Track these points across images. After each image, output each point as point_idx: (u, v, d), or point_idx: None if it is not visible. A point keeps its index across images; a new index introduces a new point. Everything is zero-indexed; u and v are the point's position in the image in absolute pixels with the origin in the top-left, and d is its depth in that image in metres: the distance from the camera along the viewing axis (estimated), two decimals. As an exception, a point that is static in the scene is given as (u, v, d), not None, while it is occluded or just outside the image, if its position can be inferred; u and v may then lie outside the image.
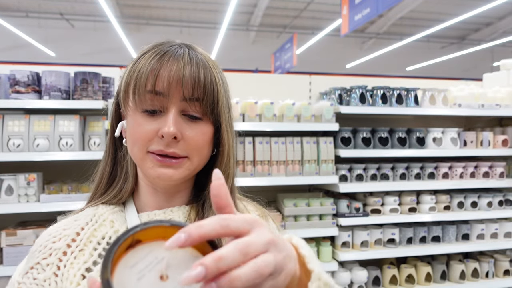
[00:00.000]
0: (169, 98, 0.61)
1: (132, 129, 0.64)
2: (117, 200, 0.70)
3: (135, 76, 0.62)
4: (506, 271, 2.71)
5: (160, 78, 0.60)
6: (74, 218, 0.69)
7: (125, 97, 0.65)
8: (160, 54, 0.62)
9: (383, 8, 3.64)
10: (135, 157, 0.65)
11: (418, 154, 2.56)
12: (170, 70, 0.60)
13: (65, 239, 0.65)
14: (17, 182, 2.09)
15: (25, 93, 2.06)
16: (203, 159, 0.66)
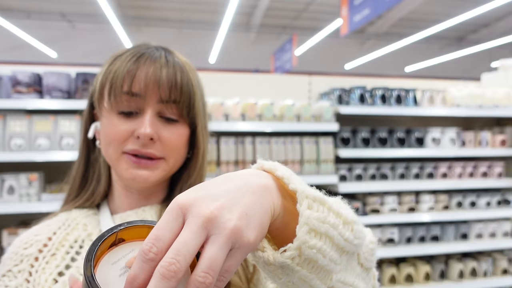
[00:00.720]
0: (145, 99, 0.61)
1: (107, 130, 0.63)
2: (90, 203, 0.69)
3: (111, 77, 0.62)
4: (504, 270, 2.72)
5: (136, 79, 0.60)
6: (46, 223, 0.68)
7: (100, 98, 0.64)
8: (136, 56, 0.62)
9: (383, 9, 3.66)
10: (109, 158, 0.64)
11: (417, 154, 2.57)
12: (147, 72, 0.60)
13: (36, 245, 0.64)
14: (18, 182, 2.11)
15: (26, 93, 2.08)
16: (178, 160, 0.66)
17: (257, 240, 0.34)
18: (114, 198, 0.69)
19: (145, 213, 0.67)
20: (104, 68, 0.65)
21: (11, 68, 2.15)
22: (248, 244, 0.33)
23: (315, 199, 0.38)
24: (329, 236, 0.37)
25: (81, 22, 9.94)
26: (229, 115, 2.29)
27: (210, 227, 0.31)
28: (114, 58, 0.65)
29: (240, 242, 0.32)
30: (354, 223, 0.40)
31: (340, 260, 0.39)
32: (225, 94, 2.46)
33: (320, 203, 0.38)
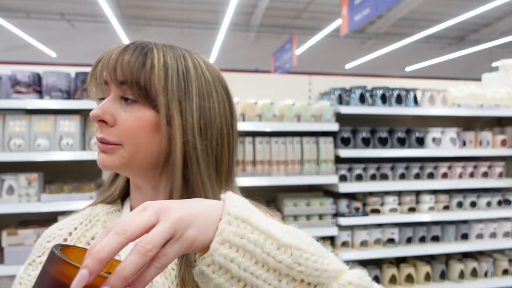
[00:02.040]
0: (109, 84, 0.62)
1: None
2: (111, 199, 0.70)
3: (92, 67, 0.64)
4: (505, 270, 2.72)
5: (100, 65, 0.62)
6: (72, 217, 0.70)
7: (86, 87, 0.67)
8: (116, 46, 0.63)
9: (383, 8, 3.66)
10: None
11: (418, 154, 2.57)
12: (109, 57, 0.61)
13: (57, 239, 0.66)
14: (18, 182, 2.10)
15: (26, 93, 2.07)
16: (141, 146, 0.60)
17: (196, 239, 0.39)
18: (132, 194, 0.70)
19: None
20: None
21: (10, 68, 2.15)
22: (187, 238, 0.39)
23: (237, 217, 0.42)
24: (248, 250, 0.40)
25: (80, 22, 9.94)
26: (229, 115, 2.29)
27: (161, 214, 0.38)
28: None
29: (181, 233, 0.38)
30: (295, 249, 0.42)
31: (275, 281, 0.41)
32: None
33: (243, 221, 0.42)
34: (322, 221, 2.41)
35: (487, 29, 11.09)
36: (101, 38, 9.78)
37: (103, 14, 7.57)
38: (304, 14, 10.04)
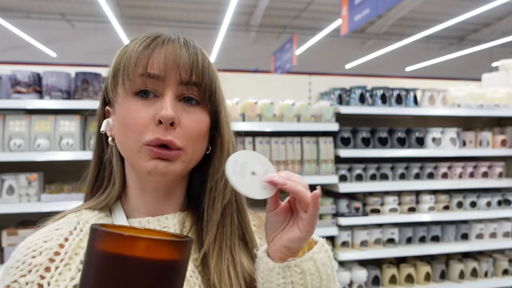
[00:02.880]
0: (165, 81, 0.56)
1: (124, 118, 0.57)
2: (103, 206, 0.63)
3: (125, 59, 0.58)
4: (505, 270, 2.72)
5: (154, 59, 0.56)
6: (55, 226, 0.60)
7: (114, 84, 0.59)
8: (152, 38, 0.58)
9: (383, 8, 3.66)
10: (128, 150, 0.58)
11: (418, 154, 2.57)
12: (165, 51, 0.56)
13: (46, 252, 0.56)
14: (18, 182, 2.10)
15: (26, 93, 2.07)
16: (197, 152, 0.60)
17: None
18: (129, 199, 0.63)
19: (168, 221, 0.62)
20: (116, 54, 0.61)
21: (10, 68, 2.15)
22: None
23: (328, 254, 0.59)
24: (321, 275, 0.56)
25: (80, 21, 9.94)
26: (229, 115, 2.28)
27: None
28: (126, 45, 0.61)
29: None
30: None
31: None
32: (225, 94, 2.45)
33: (329, 258, 0.59)
34: (322, 221, 2.42)
35: (487, 29, 11.09)
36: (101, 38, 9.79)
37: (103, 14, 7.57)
38: (304, 14, 10.04)
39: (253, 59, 11.01)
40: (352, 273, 2.48)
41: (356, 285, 2.49)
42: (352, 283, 2.50)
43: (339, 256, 2.42)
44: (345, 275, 2.45)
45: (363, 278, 2.48)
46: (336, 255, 2.46)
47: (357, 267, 2.51)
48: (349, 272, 2.48)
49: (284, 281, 0.54)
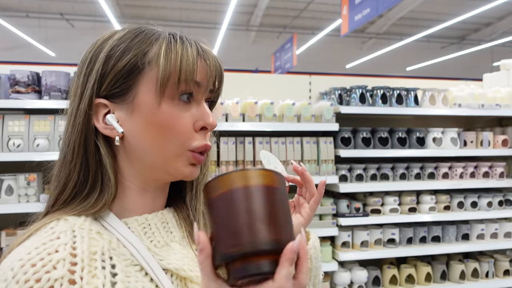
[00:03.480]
0: (201, 88, 0.59)
1: (166, 121, 0.56)
2: (93, 211, 0.57)
3: (184, 63, 0.56)
4: (506, 271, 2.71)
5: (202, 67, 0.59)
6: (50, 237, 0.52)
7: (166, 84, 0.56)
8: (188, 43, 0.59)
9: (383, 8, 3.65)
10: (166, 153, 0.57)
11: (418, 154, 2.56)
12: (210, 61, 0.60)
13: (62, 264, 0.49)
14: (17, 182, 2.09)
15: (25, 93, 2.06)
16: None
17: None
18: (123, 200, 0.61)
19: (164, 216, 0.64)
20: (161, 56, 0.56)
21: (9, 68, 2.14)
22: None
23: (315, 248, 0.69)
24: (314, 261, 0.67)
25: (80, 21, 9.93)
26: (229, 115, 2.28)
27: None
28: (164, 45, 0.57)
29: None
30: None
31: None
32: (225, 94, 2.42)
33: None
34: (322, 221, 2.41)
35: (488, 28, 11.08)
36: (101, 37, 9.76)
37: (102, 13, 7.56)
38: (304, 14, 10.03)
39: (253, 59, 11.01)
40: (352, 273, 2.47)
41: (356, 285, 2.48)
42: (352, 284, 2.49)
43: (339, 257, 2.42)
44: (345, 275, 2.44)
45: (364, 278, 2.47)
46: (337, 255, 2.45)
47: (357, 268, 2.51)
48: (350, 272, 2.47)
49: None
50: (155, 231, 0.61)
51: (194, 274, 0.59)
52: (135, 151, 0.59)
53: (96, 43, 0.60)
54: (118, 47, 0.57)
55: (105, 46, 0.58)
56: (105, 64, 0.57)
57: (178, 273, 0.59)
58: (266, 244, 0.42)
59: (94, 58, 0.58)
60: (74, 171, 0.58)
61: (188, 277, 0.59)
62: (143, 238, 0.59)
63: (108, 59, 0.57)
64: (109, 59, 0.57)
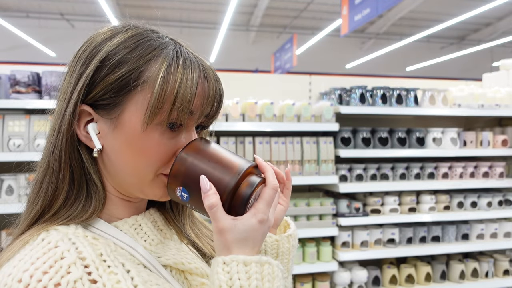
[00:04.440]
0: (194, 115, 0.56)
1: (145, 147, 0.54)
2: (83, 219, 0.55)
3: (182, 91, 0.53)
4: (505, 271, 2.71)
5: (199, 98, 0.55)
6: (47, 246, 0.50)
7: (157, 112, 0.52)
8: (190, 67, 0.55)
9: (383, 8, 3.65)
10: (141, 177, 0.56)
11: (418, 154, 2.56)
12: (208, 91, 0.56)
13: (75, 267, 0.48)
14: (17, 182, 2.10)
15: (25, 93, 2.07)
16: None
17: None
18: (109, 207, 0.60)
19: (152, 216, 0.65)
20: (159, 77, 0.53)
21: (9, 68, 2.14)
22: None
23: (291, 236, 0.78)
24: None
25: (80, 21, 9.94)
26: (229, 115, 2.28)
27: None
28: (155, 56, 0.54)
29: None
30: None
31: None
32: (225, 94, 2.43)
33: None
34: (322, 221, 2.41)
35: (488, 28, 11.08)
36: (101, 37, 9.77)
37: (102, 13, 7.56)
38: (304, 14, 10.03)
39: (253, 59, 11.01)
40: (352, 273, 2.48)
41: (356, 285, 2.49)
42: (352, 284, 2.49)
43: (339, 257, 2.42)
44: (345, 275, 2.44)
45: (364, 278, 2.47)
46: (337, 255, 2.45)
47: (357, 268, 2.51)
48: (350, 272, 2.47)
49: (288, 246, 0.74)
50: (147, 231, 0.61)
51: (193, 266, 0.61)
52: (112, 166, 0.57)
53: (93, 41, 0.56)
54: (114, 55, 0.53)
55: (102, 49, 0.54)
56: (97, 72, 0.54)
57: (178, 267, 0.60)
58: (241, 168, 0.53)
59: (88, 60, 0.55)
60: (64, 182, 0.55)
61: (187, 269, 0.60)
62: (137, 238, 0.59)
63: (101, 67, 0.53)
64: (102, 67, 0.53)
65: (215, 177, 0.53)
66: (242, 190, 0.53)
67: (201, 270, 0.62)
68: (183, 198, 0.55)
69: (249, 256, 0.51)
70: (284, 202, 0.75)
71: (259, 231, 0.53)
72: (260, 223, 0.53)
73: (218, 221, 0.52)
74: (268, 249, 0.74)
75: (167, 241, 0.63)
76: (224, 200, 0.53)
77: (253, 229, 0.52)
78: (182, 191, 0.55)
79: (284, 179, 0.74)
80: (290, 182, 0.75)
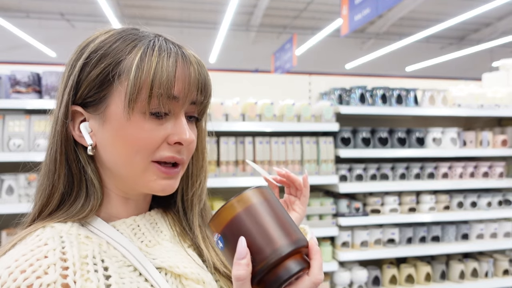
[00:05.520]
0: (180, 101, 0.56)
1: (133, 136, 0.54)
2: (80, 217, 0.57)
3: (158, 77, 0.53)
4: (505, 270, 2.71)
5: (179, 81, 0.55)
6: (37, 243, 0.51)
7: (135, 99, 0.53)
8: (165, 52, 0.55)
9: (383, 8, 3.65)
10: (133, 168, 0.56)
11: (418, 154, 2.57)
12: (189, 74, 0.56)
13: (54, 269, 0.48)
14: (17, 182, 2.10)
15: (25, 93, 2.07)
16: (186, 164, 0.63)
17: None
18: (107, 206, 0.61)
19: (152, 217, 0.64)
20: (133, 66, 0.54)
21: (10, 68, 2.14)
22: None
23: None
24: None
25: (80, 21, 9.94)
26: (229, 115, 2.28)
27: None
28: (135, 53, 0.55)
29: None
30: None
31: None
32: (225, 94, 2.45)
33: None
34: (322, 221, 2.41)
35: (488, 28, 11.08)
36: (101, 38, 9.76)
37: (102, 13, 7.56)
38: (304, 14, 10.03)
39: (253, 59, 11.01)
40: (352, 273, 2.48)
41: (356, 285, 2.49)
42: (352, 284, 2.49)
43: (339, 257, 2.42)
44: (345, 275, 2.44)
45: (364, 278, 2.47)
46: (337, 255, 2.45)
47: (357, 268, 2.51)
48: (350, 272, 2.48)
49: None
50: (145, 231, 0.61)
51: (189, 271, 0.59)
52: (107, 162, 0.58)
53: (81, 45, 0.59)
54: (96, 53, 0.56)
55: (86, 50, 0.57)
56: (82, 71, 0.56)
57: (173, 270, 0.58)
58: (287, 247, 0.47)
59: (75, 62, 0.57)
60: (59, 182, 0.57)
61: (183, 273, 0.59)
62: (133, 239, 0.59)
63: (84, 66, 0.56)
64: (85, 66, 0.56)
65: (256, 244, 0.47)
66: (279, 270, 0.47)
67: (196, 276, 0.59)
68: (218, 245, 0.51)
69: None
70: (300, 210, 0.75)
71: None
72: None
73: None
74: None
75: (166, 243, 0.62)
76: (256, 273, 0.47)
77: None
78: (219, 238, 0.51)
79: (302, 186, 0.74)
80: (307, 189, 0.75)
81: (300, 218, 0.74)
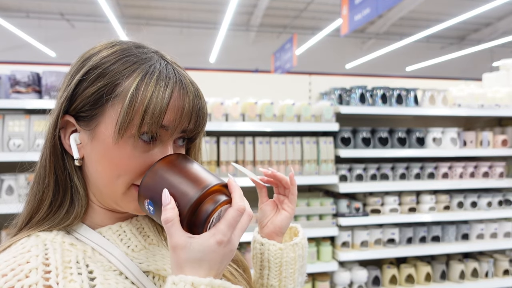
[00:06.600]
0: (170, 130, 0.56)
1: (118, 159, 0.55)
2: (65, 225, 0.57)
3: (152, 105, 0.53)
4: (505, 271, 2.71)
5: (171, 110, 0.55)
6: (20, 251, 0.52)
7: (125, 127, 0.54)
8: (163, 82, 0.55)
9: (383, 8, 3.65)
10: (115, 189, 0.56)
11: (418, 154, 2.56)
12: (182, 106, 0.55)
13: (35, 272, 0.48)
14: (17, 182, 2.10)
15: (25, 93, 2.07)
16: None
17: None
18: (92, 215, 0.61)
19: (139, 222, 0.64)
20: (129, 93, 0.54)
21: (10, 68, 2.14)
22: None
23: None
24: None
25: (80, 21, 9.94)
26: (229, 115, 2.28)
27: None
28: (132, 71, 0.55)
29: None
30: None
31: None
32: (225, 94, 2.45)
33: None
34: (322, 221, 2.41)
35: (488, 28, 11.08)
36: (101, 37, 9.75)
37: (102, 13, 7.56)
38: (304, 14, 10.03)
39: (253, 59, 11.01)
40: (352, 273, 2.48)
41: (356, 285, 2.49)
42: (352, 284, 2.49)
43: (339, 257, 2.42)
44: (345, 275, 2.44)
45: (364, 278, 2.47)
46: (337, 255, 2.45)
47: (357, 268, 2.51)
48: (350, 272, 2.48)
49: (293, 255, 0.75)
50: (131, 237, 0.60)
51: None
52: (91, 176, 0.59)
53: (83, 56, 0.59)
54: (96, 69, 0.56)
55: (87, 64, 0.57)
56: (79, 85, 0.56)
57: (160, 273, 0.59)
58: (211, 182, 0.52)
59: (75, 74, 0.58)
60: (48, 189, 0.58)
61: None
62: (120, 245, 0.59)
63: (82, 81, 0.56)
64: (83, 81, 0.56)
65: (179, 191, 0.51)
66: (203, 207, 0.51)
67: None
68: (150, 211, 0.53)
69: (200, 277, 0.48)
70: (289, 208, 0.75)
71: (218, 253, 0.49)
72: (219, 245, 0.49)
73: (172, 237, 0.49)
74: (271, 258, 0.73)
75: (153, 247, 0.62)
76: (184, 216, 0.50)
77: (210, 250, 0.49)
78: (149, 204, 0.53)
79: (289, 184, 0.74)
80: (294, 187, 0.74)
81: (289, 217, 0.74)
